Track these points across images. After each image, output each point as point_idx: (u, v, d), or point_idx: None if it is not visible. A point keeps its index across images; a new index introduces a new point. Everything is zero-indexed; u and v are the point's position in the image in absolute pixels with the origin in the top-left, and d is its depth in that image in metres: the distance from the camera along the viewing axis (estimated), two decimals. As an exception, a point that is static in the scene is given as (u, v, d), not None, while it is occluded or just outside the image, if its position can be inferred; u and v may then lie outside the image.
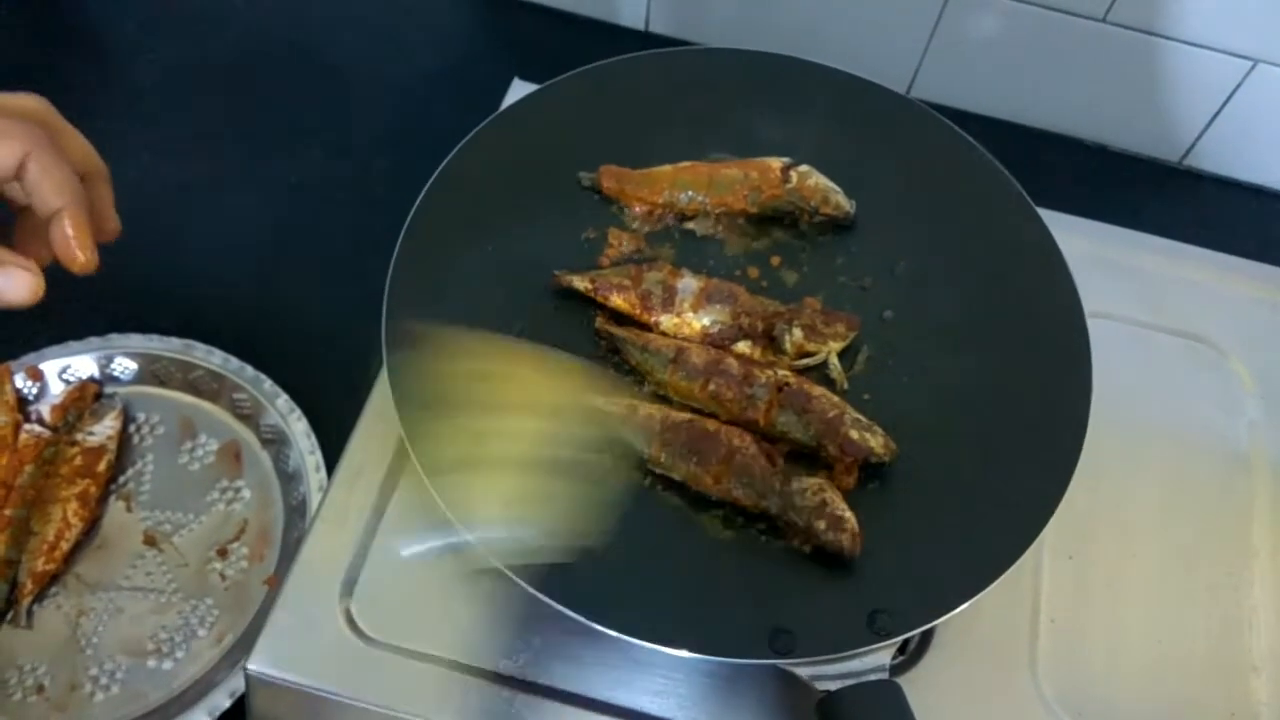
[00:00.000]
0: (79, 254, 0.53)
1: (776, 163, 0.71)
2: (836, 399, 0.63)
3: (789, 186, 0.70)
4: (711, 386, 0.63)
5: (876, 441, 0.61)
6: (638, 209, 0.71)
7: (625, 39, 1.06)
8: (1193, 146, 1.02)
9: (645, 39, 1.06)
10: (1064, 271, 0.68)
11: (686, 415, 0.62)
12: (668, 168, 0.72)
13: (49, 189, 0.52)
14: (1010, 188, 0.72)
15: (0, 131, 0.50)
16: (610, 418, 0.62)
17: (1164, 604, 0.67)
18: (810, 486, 0.59)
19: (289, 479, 0.79)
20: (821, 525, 0.58)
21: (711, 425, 0.62)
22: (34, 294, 0.51)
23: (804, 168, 0.71)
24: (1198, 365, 0.76)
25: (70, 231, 0.52)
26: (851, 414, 0.62)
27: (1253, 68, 0.94)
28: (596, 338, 0.66)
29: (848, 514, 0.58)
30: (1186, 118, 1.00)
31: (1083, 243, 0.73)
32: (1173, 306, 0.78)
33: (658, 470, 0.62)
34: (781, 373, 0.64)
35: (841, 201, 0.70)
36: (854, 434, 0.61)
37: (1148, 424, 0.73)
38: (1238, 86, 0.96)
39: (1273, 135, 0.99)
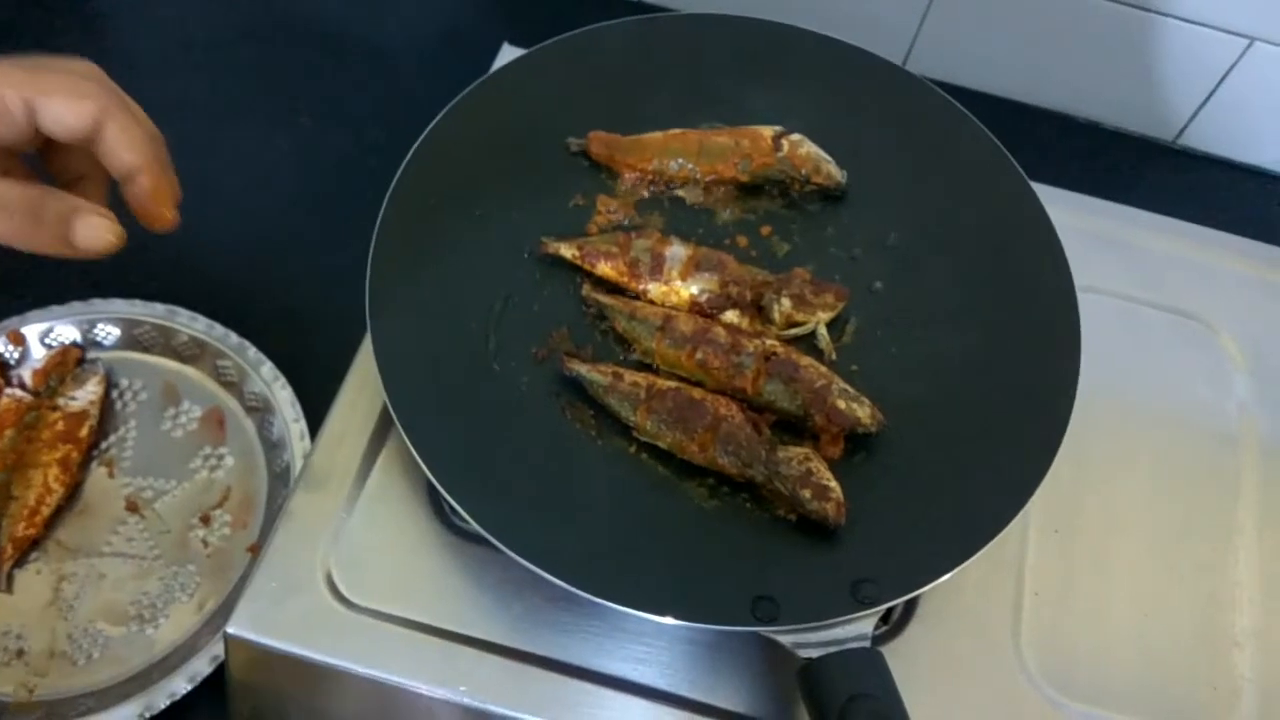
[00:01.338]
0: (163, 210, 0.52)
1: (768, 131, 0.70)
2: (824, 369, 0.62)
3: (780, 155, 0.69)
4: (699, 355, 0.62)
5: (864, 412, 0.61)
6: (627, 176, 0.70)
7: (616, 5, 1.05)
8: (1187, 125, 1.02)
9: (636, 6, 1.05)
10: (1056, 245, 0.68)
11: (673, 383, 0.62)
12: (658, 134, 0.71)
13: (127, 146, 0.51)
14: (1004, 161, 0.71)
15: (76, 90, 0.49)
16: (595, 385, 0.62)
17: (1149, 579, 0.67)
18: (796, 456, 0.59)
19: (273, 446, 0.79)
20: (807, 494, 0.58)
21: (697, 394, 0.61)
22: (117, 241, 0.50)
23: (795, 136, 0.70)
24: (1188, 341, 0.75)
25: (151, 187, 0.51)
26: (839, 384, 0.61)
27: (1249, 46, 0.93)
28: (583, 305, 0.66)
29: (833, 483, 0.58)
30: (1181, 96, 1.00)
31: (1074, 217, 0.72)
32: (1164, 282, 0.77)
33: (643, 438, 0.61)
34: (769, 342, 0.63)
35: (833, 171, 0.70)
36: (841, 404, 0.60)
37: (1137, 399, 0.73)
38: (1233, 65, 0.95)
39: (1268, 115, 0.99)
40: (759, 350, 0.62)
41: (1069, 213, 0.70)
